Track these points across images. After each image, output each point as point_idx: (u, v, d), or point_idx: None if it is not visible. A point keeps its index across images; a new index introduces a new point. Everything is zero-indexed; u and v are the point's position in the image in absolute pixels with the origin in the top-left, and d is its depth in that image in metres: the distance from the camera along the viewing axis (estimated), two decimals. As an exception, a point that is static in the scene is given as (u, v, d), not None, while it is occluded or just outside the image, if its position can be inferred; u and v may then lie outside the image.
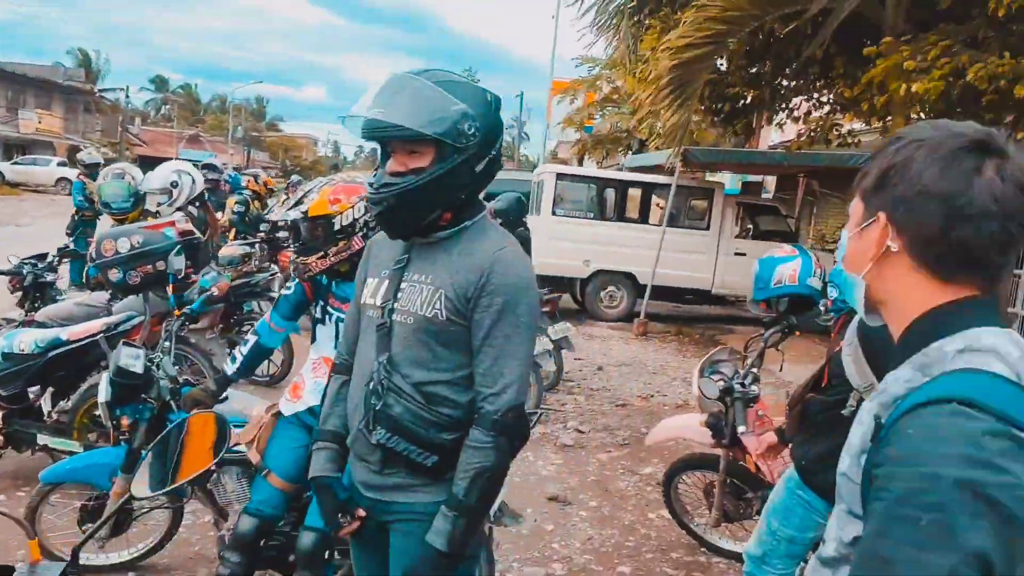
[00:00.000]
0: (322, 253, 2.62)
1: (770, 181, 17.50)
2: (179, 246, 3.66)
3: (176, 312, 3.34)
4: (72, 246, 6.41)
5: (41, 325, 4.81)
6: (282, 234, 10.25)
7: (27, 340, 3.95)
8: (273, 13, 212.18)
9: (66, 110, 43.23)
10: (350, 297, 2.82)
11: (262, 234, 9.93)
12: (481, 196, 1.92)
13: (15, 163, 35.20)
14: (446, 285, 1.81)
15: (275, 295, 6.62)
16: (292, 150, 73.49)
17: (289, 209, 2.59)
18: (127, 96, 47.35)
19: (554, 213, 11.64)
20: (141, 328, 4.00)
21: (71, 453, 3.93)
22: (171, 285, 3.65)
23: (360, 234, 2.68)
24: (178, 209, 5.06)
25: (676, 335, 10.88)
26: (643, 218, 12.16)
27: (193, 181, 5.24)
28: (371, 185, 1.83)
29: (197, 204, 5.22)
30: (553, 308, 6.99)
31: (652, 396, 7.32)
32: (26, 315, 5.22)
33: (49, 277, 5.25)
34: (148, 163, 38.91)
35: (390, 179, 1.78)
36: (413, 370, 1.84)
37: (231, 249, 6.56)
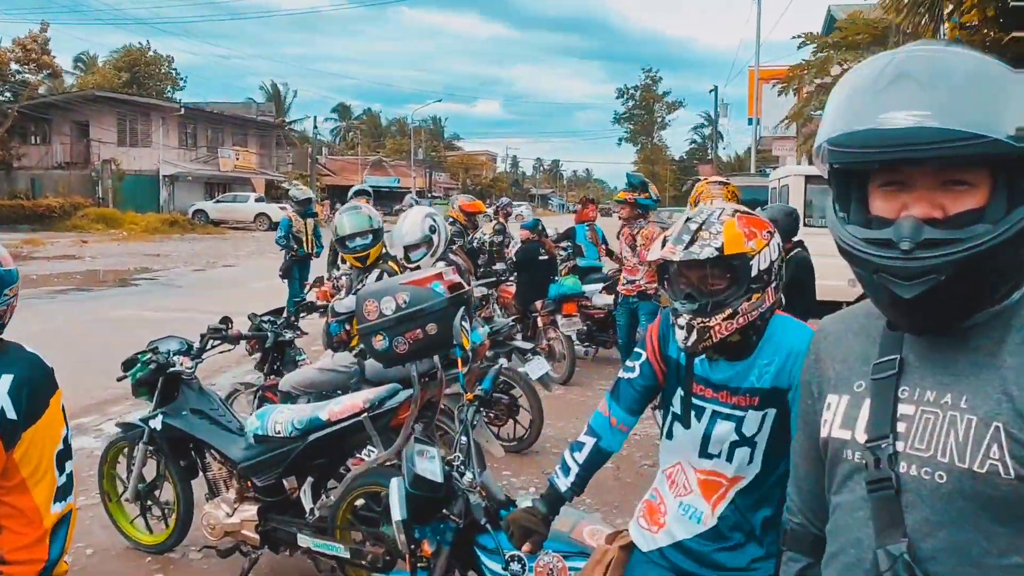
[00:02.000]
0: (731, 311, 1.94)
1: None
2: (462, 310, 3.13)
3: (468, 396, 2.79)
4: (302, 296, 6.23)
5: (286, 394, 4.59)
6: (499, 266, 9.92)
7: (283, 420, 3.61)
8: (446, 32, 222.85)
9: (260, 146, 47.17)
10: (733, 384, 2.12)
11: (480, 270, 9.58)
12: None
13: (218, 202, 38.76)
14: (1003, 412, 1.10)
15: (519, 345, 6.15)
16: (472, 168, 75.81)
17: (687, 247, 1.93)
18: (315, 127, 50.94)
19: (805, 224, 10.49)
20: (409, 404, 3.55)
21: (335, 557, 3.55)
22: (459, 360, 3.12)
23: (773, 285, 2.00)
24: (439, 259, 4.68)
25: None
26: (924, 224, 10.65)
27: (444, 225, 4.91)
28: (874, 244, 1.13)
29: (453, 249, 4.84)
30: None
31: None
32: (266, 379, 5.05)
33: (288, 335, 5.05)
34: (336, 192, 41.46)
35: (936, 233, 1.08)
36: (957, 568, 1.12)
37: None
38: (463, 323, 3.13)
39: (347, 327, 4.59)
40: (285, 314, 5.19)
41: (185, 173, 39.73)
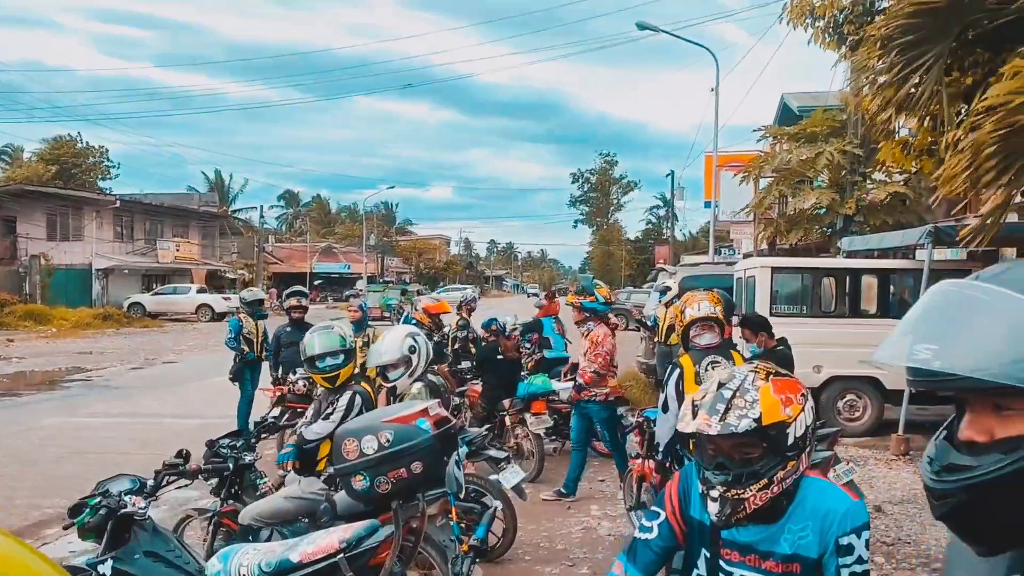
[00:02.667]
0: (766, 480, 1.89)
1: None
2: (455, 455, 3.02)
3: (464, 547, 2.65)
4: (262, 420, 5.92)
5: (247, 528, 4.37)
6: (464, 364, 9.80)
7: (248, 563, 3.40)
8: (399, 119, 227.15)
9: (202, 235, 46.76)
10: (762, 548, 2.05)
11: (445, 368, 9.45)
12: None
13: (156, 294, 38.09)
14: None
15: (493, 454, 5.98)
16: (425, 252, 76.14)
17: (722, 418, 1.89)
18: (261, 215, 50.77)
19: (772, 314, 10.76)
20: (390, 543, 3.37)
21: None
22: (453, 508, 2.99)
23: (807, 451, 1.96)
24: (417, 379, 4.57)
25: (948, 450, 9.45)
26: (883, 311, 11.19)
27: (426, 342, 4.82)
28: (926, 462, 1.21)
29: (435, 369, 4.73)
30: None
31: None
32: (222, 505, 4.80)
33: (248, 459, 4.83)
34: (284, 280, 41.15)
35: (960, 458, 1.16)
36: None
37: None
38: (456, 466, 3.02)
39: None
40: (245, 436, 4.99)
41: (121, 266, 39.02)
